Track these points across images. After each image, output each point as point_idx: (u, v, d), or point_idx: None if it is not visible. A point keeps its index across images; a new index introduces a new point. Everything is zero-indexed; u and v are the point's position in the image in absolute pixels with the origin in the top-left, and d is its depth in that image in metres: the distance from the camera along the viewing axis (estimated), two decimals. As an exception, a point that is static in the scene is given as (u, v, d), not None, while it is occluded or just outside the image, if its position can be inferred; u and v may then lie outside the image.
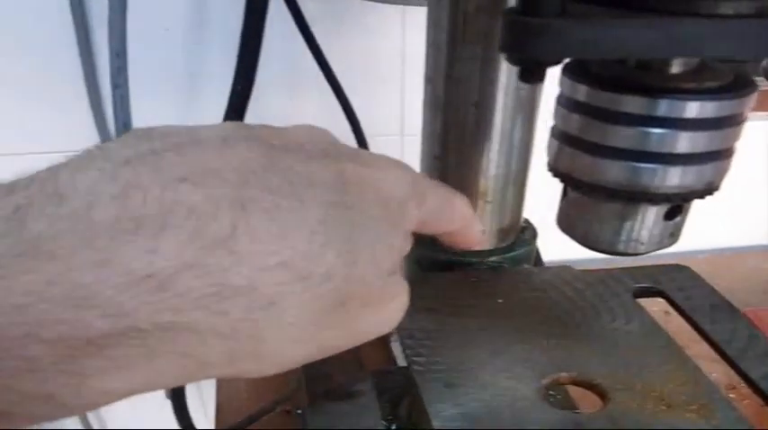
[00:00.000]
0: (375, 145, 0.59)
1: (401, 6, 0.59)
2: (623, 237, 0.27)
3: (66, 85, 0.60)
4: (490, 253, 0.45)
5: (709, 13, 0.21)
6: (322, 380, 0.33)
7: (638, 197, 0.25)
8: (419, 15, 0.43)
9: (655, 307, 0.42)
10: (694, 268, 0.46)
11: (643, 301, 0.43)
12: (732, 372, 0.37)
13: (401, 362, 0.49)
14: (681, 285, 0.44)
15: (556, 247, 0.47)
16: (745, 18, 0.21)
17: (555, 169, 0.27)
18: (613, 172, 0.25)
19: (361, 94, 0.60)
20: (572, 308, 0.41)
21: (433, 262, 0.45)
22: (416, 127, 0.45)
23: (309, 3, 0.56)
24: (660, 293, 0.44)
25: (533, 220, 0.49)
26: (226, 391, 0.60)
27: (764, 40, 0.21)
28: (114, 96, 0.53)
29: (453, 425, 0.31)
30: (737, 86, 0.25)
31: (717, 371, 0.37)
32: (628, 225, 0.27)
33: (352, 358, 0.35)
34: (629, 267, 0.46)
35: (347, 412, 0.31)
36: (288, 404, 0.58)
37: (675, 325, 0.40)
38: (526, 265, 0.47)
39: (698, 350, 0.38)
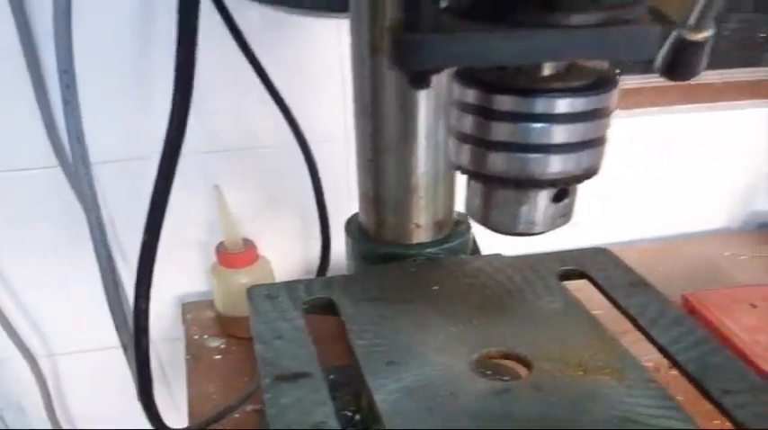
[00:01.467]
0: (319, 150, 0.62)
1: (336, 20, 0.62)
2: (521, 220, 0.31)
3: (18, 101, 0.62)
4: (427, 245, 0.49)
5: (562, 24, 0.25)
6: (273, 366, 0.36)
7: (526, 184, 0.29)
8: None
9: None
10: (637, 256, 0.50)
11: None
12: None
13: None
14: (602, 266, 0.49)
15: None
16: (593, 27, 0.25)
17: (455, 164, 0.31)
18: (503, 163, 0.29)
19: (304, 103, 0.63)
20: (502, 291, 0.45)
21: (375, 255, 0.48)
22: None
23: (252, 15, 0.59)
24: (583, 274, 0.49)
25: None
26: (196, 391, 0.63)
27: (609, 45, 0.25)
28: (65, 112, 0.55)
29: (394, 397, 0.34)
30: (601, 83, 0.29)
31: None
32: (523, 209, 0.31)
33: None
34: (556, 252, 0.50)
35: (299, 394, 0.34)
36: (258, 402, 0.61)
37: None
38: (462, 255, 0.50)
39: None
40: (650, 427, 0.33)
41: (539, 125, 0.28)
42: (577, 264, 0.49)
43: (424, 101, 0.43)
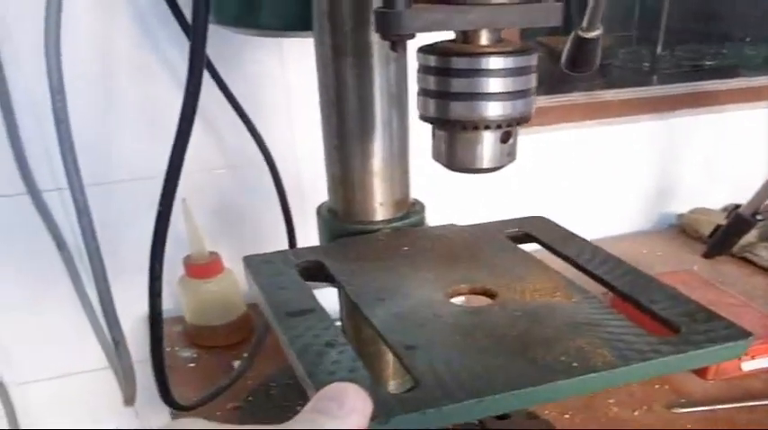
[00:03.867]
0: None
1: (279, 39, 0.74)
2: (478, 157, 0.43)
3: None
4: (390, 221, 0.59)
5: (494, 3, 0.38)
6: (281, 307, 0.45)
7: (479, 124, 0.41)
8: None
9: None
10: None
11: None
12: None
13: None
14: (542, 229, 0.61)
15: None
16: (516, 4, 0.38)
17: (423, 116, 0.43)
18: (459, 109, 0.41)
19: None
20: (462, 248, 0.56)
21: (346, 232, 0.58)
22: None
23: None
24: (527, 236, 0.61)
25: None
26: (177, 395, 0.68)
27: (527, 15, 0.38)
28: (59, 132, 0.62)
29: (388, 320, 0.44)
30: (524, 50, 0.42)
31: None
32: (479, 148, 0.43)
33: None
34: (501, 220, 0.62)
35: (308, 324, 0.43)
36: (237, 400, 0.67)
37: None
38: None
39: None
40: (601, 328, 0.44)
41: (483, 79, 0.40)
42: (521, 228, 0.61)
43: (379, 95, 0.55)
